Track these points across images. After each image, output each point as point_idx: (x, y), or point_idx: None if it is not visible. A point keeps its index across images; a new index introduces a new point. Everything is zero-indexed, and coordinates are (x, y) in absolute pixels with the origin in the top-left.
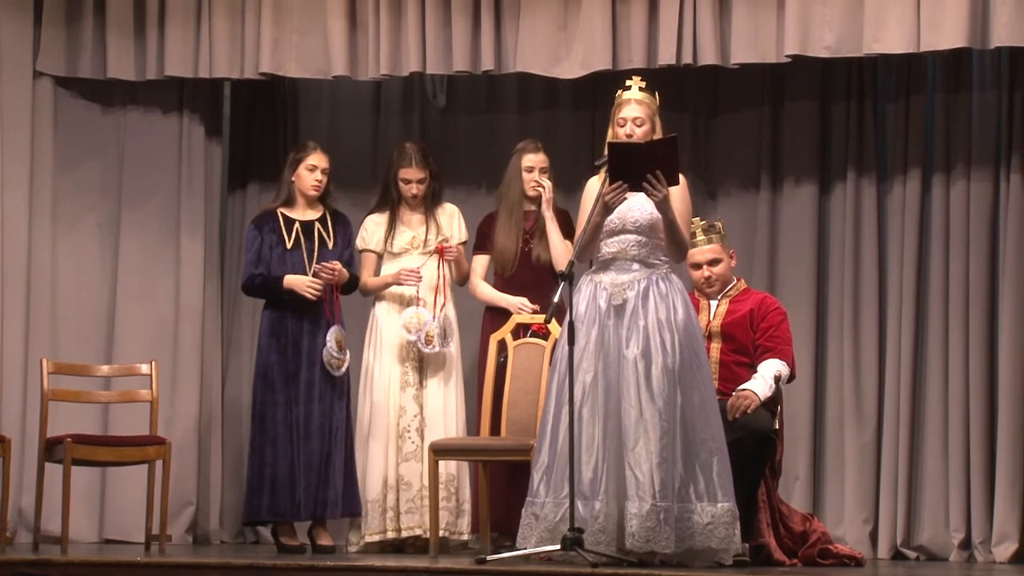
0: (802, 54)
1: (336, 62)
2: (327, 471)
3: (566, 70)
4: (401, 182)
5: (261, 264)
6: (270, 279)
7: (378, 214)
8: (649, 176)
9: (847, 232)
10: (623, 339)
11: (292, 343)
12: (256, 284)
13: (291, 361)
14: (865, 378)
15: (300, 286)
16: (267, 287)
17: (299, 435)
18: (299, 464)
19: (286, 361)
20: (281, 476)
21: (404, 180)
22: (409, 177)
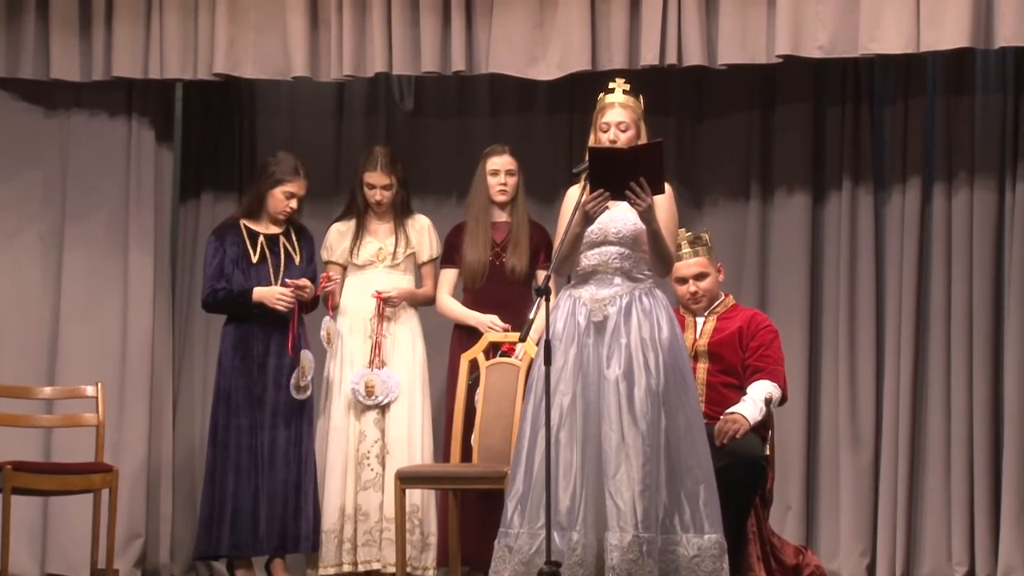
0: (794, 54)
1: (296, 62)
2: (298, 502)
3: (542, 71)
4: (366, 187)
5: (223, 279)
6: (236, 293)
7: (343, 223)
8: (632, 184)
9: (842, 244)
10: (603, 358)
11: (258, 364)
12: (220, 298)
13: (257, 383)
14: (862, 401)
15: (270, 298)
16: (232, 301)
17: (264, 463)
18: (263, 495)
19: (251, 383)
20: (243, 508)
21: (368, 185)
22: (373, 182)
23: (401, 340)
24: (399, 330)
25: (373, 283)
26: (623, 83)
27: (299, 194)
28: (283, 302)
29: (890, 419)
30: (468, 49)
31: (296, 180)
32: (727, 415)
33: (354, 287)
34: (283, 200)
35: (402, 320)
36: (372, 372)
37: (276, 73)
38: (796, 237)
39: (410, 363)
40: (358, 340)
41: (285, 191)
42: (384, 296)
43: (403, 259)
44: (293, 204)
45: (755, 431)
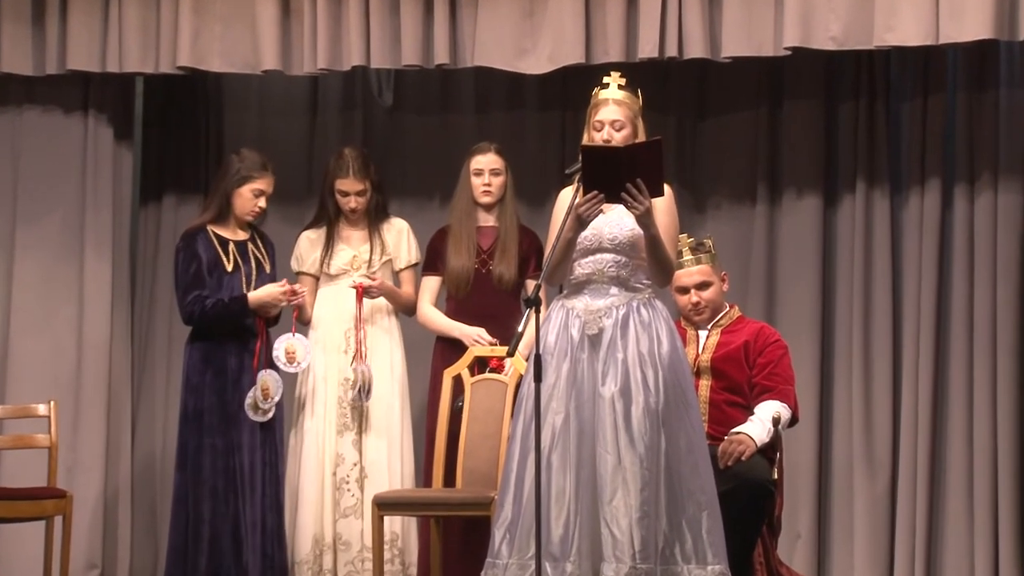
0: (804, 46)
1: (266, 55)
2: (279, 526)
3: (532, 65)
4: (338, 194)
5: (204, 285)
6: (230, 302)
7: (314, 230)
8: (629, 186)
9: (856, 252)
10: (599, 375)
11: (232, 380)
12: (208, 308)
13: (232, 401)
14: (877, 420)
15: (273, 297)
16: (225, 309)
17: (244, 486)
18: (244, 520)
19: (226, 401)
20: (223, 534)
21: (341, 192)
22: (346, 189)
23: (379, 352)
24: (377, 340)
25: (348, 294)
26: (619, 77)
27: (268, 192)
28: (286, 297)
29: (908, 440)
30: (452, 41)
31: (264, 176)
32: (732, 435)
33: (328, 299)
34: (251, 199)
35: (380, 329)
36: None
37: (244, 67)
38: (806, 243)
39: (388, 377)
40: (333, 355)
41: (253, 189)
42: (365, 287)
43: (380, 267)
44: (262, 203)
45: (762, 453)
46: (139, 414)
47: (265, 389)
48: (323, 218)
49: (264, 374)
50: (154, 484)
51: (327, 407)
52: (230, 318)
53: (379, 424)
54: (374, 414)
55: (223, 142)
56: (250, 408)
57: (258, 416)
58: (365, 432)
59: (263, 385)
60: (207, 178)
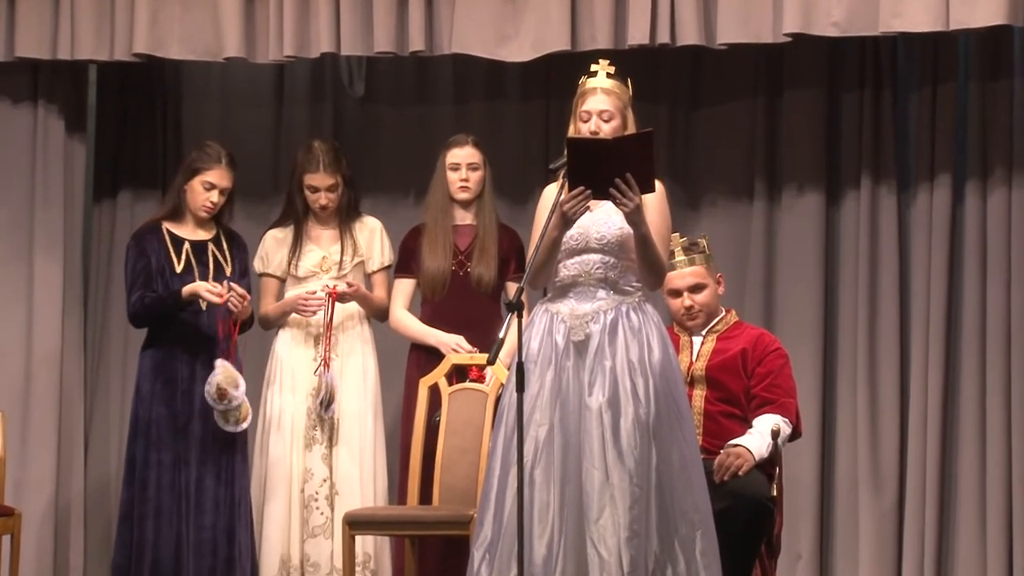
0: (805, 32)
1: (229, 41)
2: (230, 553)
3: (514, 52)
4: (307, 190)
5: (150, 285)
6: (164, 295)
7: (280, 229)
8: (618, 181)
9: (861, 252)
10: (585, 384)
11: (182, 390)
12: (148, 304)
13: (181, 413)
14: (884, 433)
15: (200, 289)
16: (159, 302)
17: (189, 505)
18: (187, 542)
19: (175, 413)
20: (164, 557)
21: (310, 188)
22: (316, 184)
23: (350, 361)
24: (348, 348)
25: None
26: (607, 65)
27: (221, 185)
28: (214, 293)
29: (916, 454)
30: (428, 26)
31: (216, 168)
32: (729, 448)
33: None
34: (202, 193)
35: (352, 335)
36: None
37: (205, 54)
38: (807, 243)
39: (360, 387)
40: (301, 362)
41: (204, 181)
42: (339, 292)
43: (351, 268)
44: (214, 197)
45: (761, 468)
46: (92, 426)
47: (226, 379)
48: (290, 216)
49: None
50: (108, 501)
51: (294, 419)
52: (165, 311)
53: (350, 437)
54: (345, 427)
55: (182, 135)
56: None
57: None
58: (335, 446)
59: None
60: (165, 173)
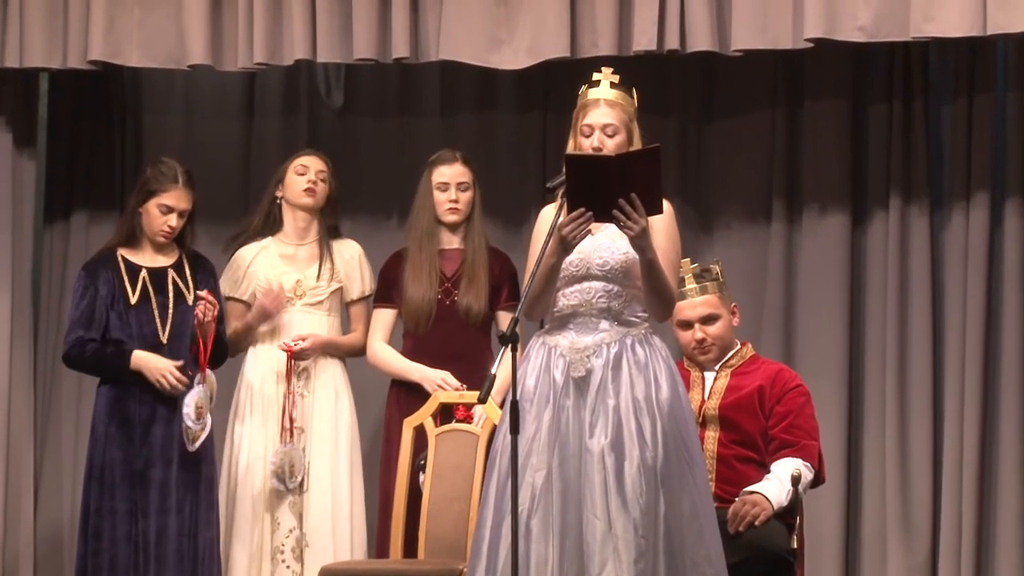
0: (828, 37)
1: (194, 47)
2: None
3: (508, 59)
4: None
5: (94, 326)
6: (110, 350)
7: (253, 244)
8: (621, 201)
9: (890, 279)
10: (586, 425)
11: (141, 432)
12: (88, 354)
13: (138, 456)
14: (915, 480)
15: (153, 369)
16: (103, 360)
17: (147, 558)
18: None
19: (132, 457)
20: None
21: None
22: (307, 163)
23: (322, 397)
24: (320, 383)
25: (289, 325)
26: (611, 74)
27: (179, 207)
28: (169, 380)
29: (951, 504)
30: (413, 31)
31: (174, 189)
32: (745, 495)
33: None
34: (159, 217)
35: (324, 369)
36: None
37: (168, 61)
38: (831, 269)
39: (332, 429)
40: (273, 397)
41: (161, 204)
42: (296, 350)
43: (328, 295)
44: (172, 221)
45: (780, 518)
46: (43, 471)
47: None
48: (265, 231)
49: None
50: (61, 554)
51: (264, 459)
52: (105, 369)
53: (321, 483)
54: (316, 471)
55: (142, 150)
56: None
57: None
58: (305, 492)
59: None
60: (123, 192)
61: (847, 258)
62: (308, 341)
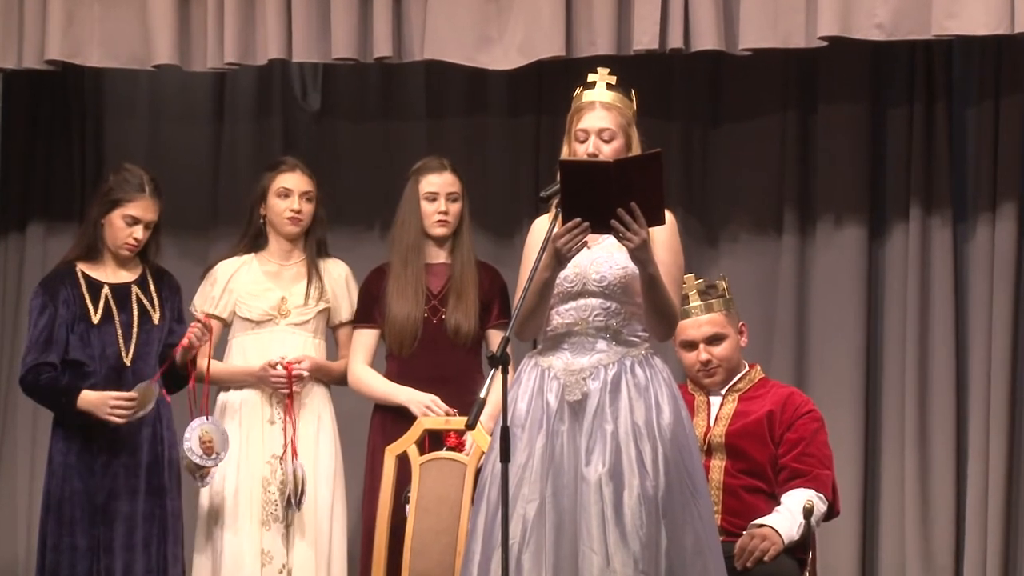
0: (844, 36)
1: (159, 46)
2: None
3: (498, 58)
4: (276, 196)
5: (53, 348)
6: (63, 383)
7: (234, 259)
8: (620, 211)
9: (910, 295)
10: (582, 452)
11: (102, 462)
12: (41, 384)
13: (100, 489)
14: (937, 512)
15: (99, 407)
16: (54, 396)
17: None
18: None
19: (92, 489)
20: None
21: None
22: (290, 186)
23: (305, 424)
24: (302, 409)
25: (271, 347)
26: (608, 75)
27: (145, 218)
28: (117, 414)
29: (975, 537)
30: (396, 29)
31: (140, 199)
32: (753, 528)
33: (248, 351)
34: (123, 228)
35: (306, 397)
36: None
37: (132, 61)
38: (846, 285)
39: (314, 458)
40: (255, 425)
41: (126, 215)
42: (295, 371)
43: (315, 315)
44: (138, 233)
45: (790, 553)
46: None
47: (207, 442)
48: (250, 244)
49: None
50: None
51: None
52: (54, 404)
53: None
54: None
55: (104, 157)
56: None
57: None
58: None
59: (203, 437)
60: (83, 201)
61: (864, 273)
62: (306, 363)
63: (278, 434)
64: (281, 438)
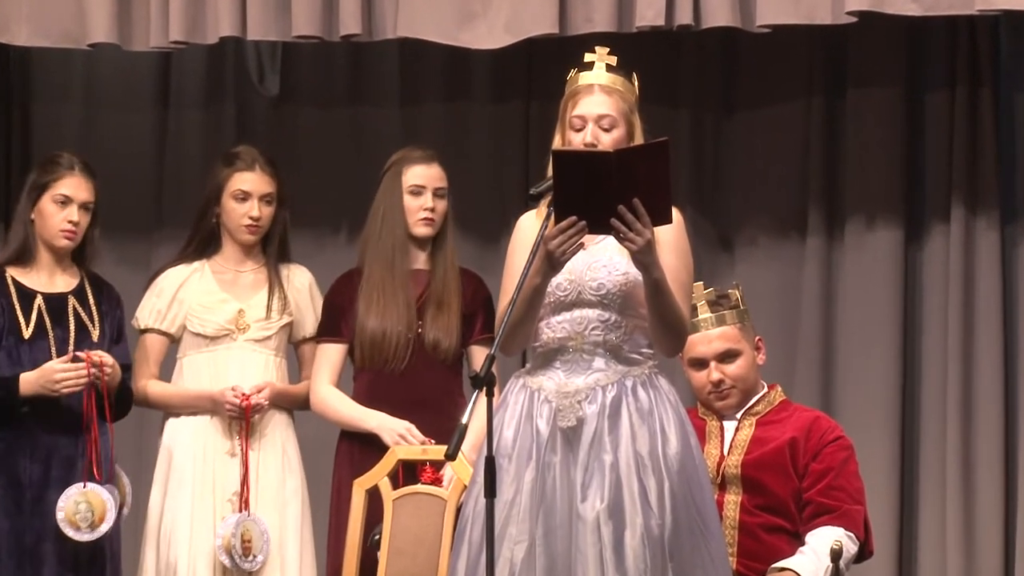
0: (876, 11)
1: (96, 23)
2: None
3: (482, 37)
4: (232, 199)
5: None
6: None
7: (184, 265)
8: (622, 209)
9: (952, 306)
10: (577, 486)
11: (32, 496)
12: None
13: (29, 527)
14: (982, 551)
15: (48, 378)
16: None
17: None
18: None
19: (21, 528)
20: None
21: (239, 195)
22: (248, 188)
23: (265, 457)
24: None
25: (228, 367)
26: (608, 55)
27: (79, 198)
28: (68, 380)
29: None
30: (365, 3)
31: (69, 175)
32: (774, 572)
33: (201, 371)
34: (56, 213)
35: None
36: (247, 518)
37: (64, 39)
38: (880, 295)
39: (278, 493)
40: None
41: (56, 195)
42: (254, 403)
43: (278, 330)
44: (73, 215)
45: None
46: None
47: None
48: (200, 249)
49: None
50: None
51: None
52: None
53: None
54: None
55: (31, 146)
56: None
57: (81, 534)
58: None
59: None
60: (10, 198)
61: (899, 281)
62: (266, 392)
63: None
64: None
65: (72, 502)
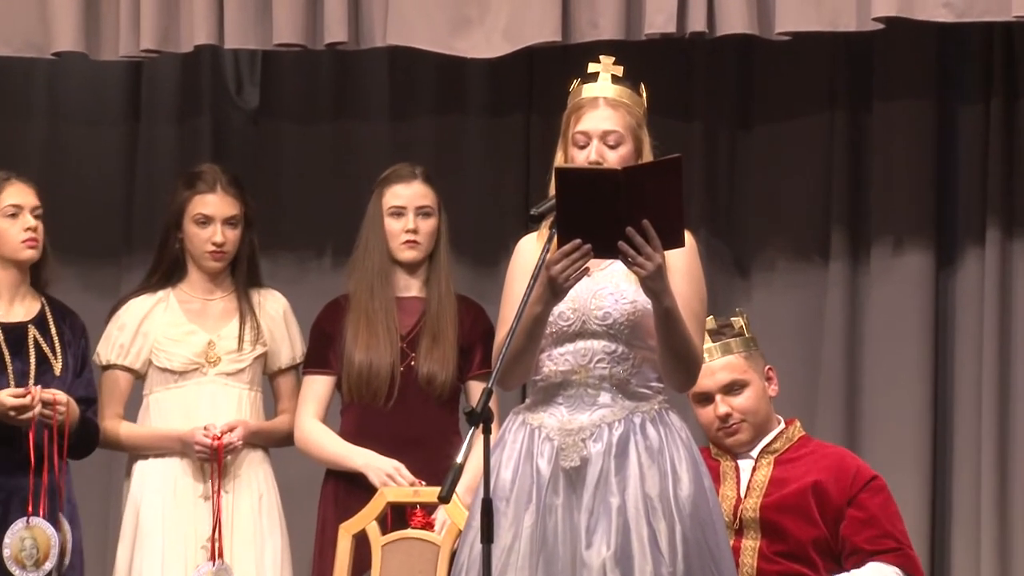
0: (904, 17)
1: (60, 31)
2: None
3: (479, 45)
4: (193, 223)
5: None
6: None
7: (147, 296)
8: (630, 231)
9: (987, 336)
10: (581, 531)
11: None
12: None
13: None
14: None
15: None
16: None
17: None
18: None
19: None
20: None
21: (200, 219)
22: (210, 212)
23: (241, 500)
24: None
25: (198, 404)
26: (614, 65)
27: (27, 204)
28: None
29: None
30: (352, 8)
31: (10, 186)
32: None
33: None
34: (10, 227)
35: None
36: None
37: (26, 47)
38: (909, 323)
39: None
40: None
41: (4, 209)
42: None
43: (251, 362)
44: (28, 222)
45: None
46: None
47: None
48: (165, 277)
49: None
50: None
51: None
52: None
53: None
54: None
55: None
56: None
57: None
58: None
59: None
60: None
61: (930, 309)
62: (238, 431)
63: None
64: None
65: (17, 538)
